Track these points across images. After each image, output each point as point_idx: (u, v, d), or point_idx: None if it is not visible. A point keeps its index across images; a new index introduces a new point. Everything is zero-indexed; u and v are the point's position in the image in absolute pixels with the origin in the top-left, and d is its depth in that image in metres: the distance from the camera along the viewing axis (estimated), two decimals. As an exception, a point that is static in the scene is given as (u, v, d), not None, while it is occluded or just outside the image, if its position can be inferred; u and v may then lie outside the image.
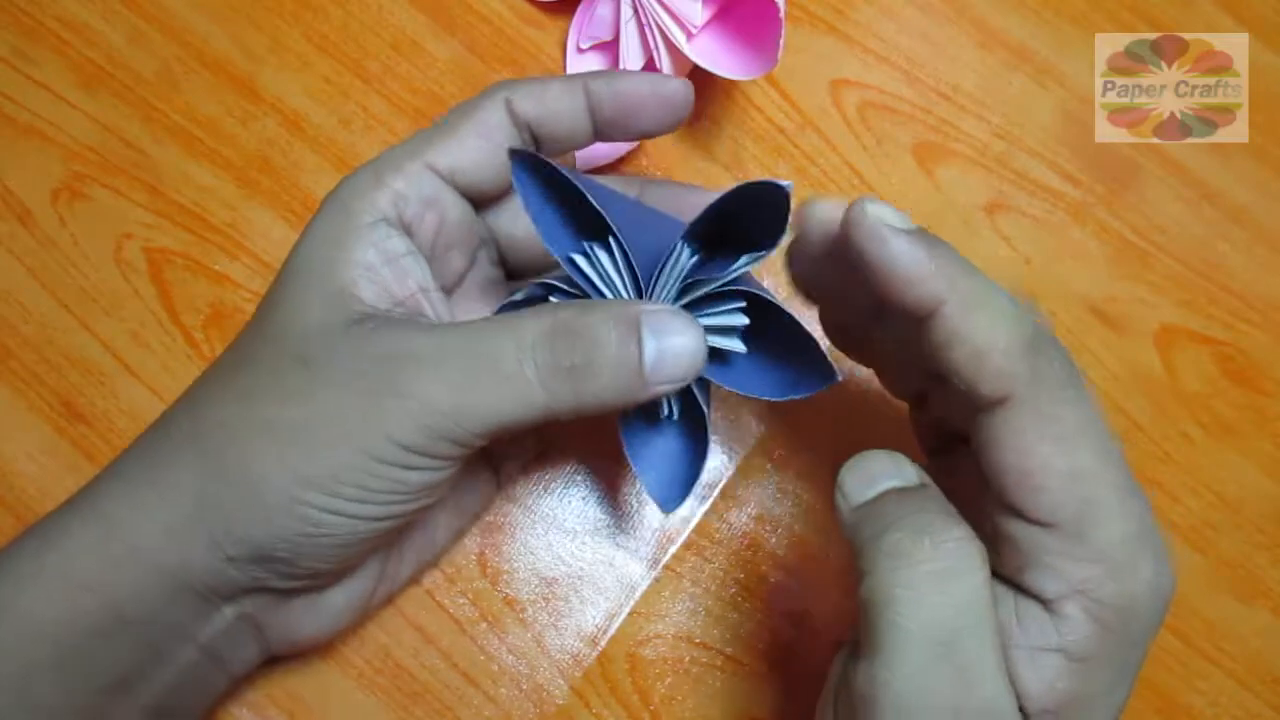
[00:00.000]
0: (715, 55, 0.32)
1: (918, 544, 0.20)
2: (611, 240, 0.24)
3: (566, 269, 0.26)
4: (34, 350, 0.34)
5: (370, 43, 0.37)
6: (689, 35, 0.32)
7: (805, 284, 0.27)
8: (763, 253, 0.24)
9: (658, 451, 0.28)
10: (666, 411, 0.27)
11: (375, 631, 0.31)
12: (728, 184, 0.35)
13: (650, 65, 0.34)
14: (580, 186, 0.24)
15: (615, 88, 0.27)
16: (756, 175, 0.36)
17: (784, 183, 0.22)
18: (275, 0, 0.37)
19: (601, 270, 0.25)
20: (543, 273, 0.30)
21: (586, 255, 0.25)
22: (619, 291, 0.25)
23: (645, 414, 0.28)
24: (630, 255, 0.24)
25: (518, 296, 0.27)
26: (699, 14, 0.32)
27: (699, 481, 0.27)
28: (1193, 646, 0.33)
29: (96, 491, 0.25)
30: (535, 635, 0.32)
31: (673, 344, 0.23)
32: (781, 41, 0.30)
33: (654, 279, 0.25)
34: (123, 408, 0.33)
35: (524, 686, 0.31)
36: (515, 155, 0.25)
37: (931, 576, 0.20)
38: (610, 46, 0.36)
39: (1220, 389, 0.35)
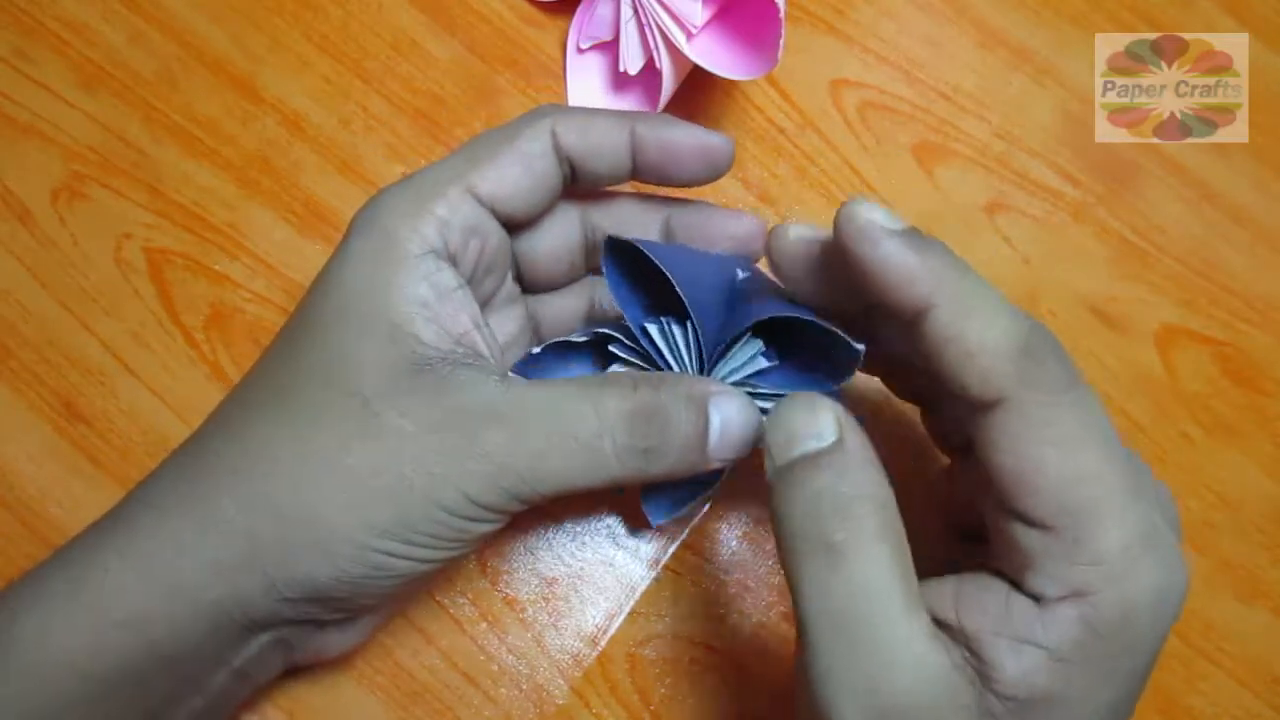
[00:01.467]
0: (715, 55, 0.32)
1: (811, 525, 0.20)
2: (689, 324, 0.25)
3: (640, 339, 0.26)
4: (34, 350, 0.34)
5: (370, 43, 0.37)
6: (689, 35, 0.32)
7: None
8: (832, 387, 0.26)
9: None
10: None
11: (375, 632, 0.31)
12: (728, 185, 0.36)
13: (650, 65, 0.34)
14: (666, 272, 0.25)
15: (661, 135, 0.26)
16: (756, 175, 0.36)
17: (859, 346, 0.24)
18: (275, 0, 0.37)
19: (673, 344, 0.26)
20: (558, 290, 0.31)
21: (660, 327, 0.26)
22: (686, 365, 0.26)
23: None
24: (701, 338, 0.25)
25: (575, 338, 0.27)
26: (699, 14, 0.32)
27: (691, 503, 0.28)
28: (1193, 646, 0.33)
29: (131, 523, 0.24)
30: (535, 635, 0.32)
31: (734, 425, 0.25)
32: (781, 41, 0.30)
33: (718, 356, 0.26)
34: (123, 408, 0.33)
35: (524, 686, 0.31)
36: (610, 243, 0.26)
37: (826, 561, 0.20)
38: (610, 46, 0.36)
39: (1220, 389, 0.35)
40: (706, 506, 0.32)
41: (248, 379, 0.26)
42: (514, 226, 0.28)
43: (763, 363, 0.26)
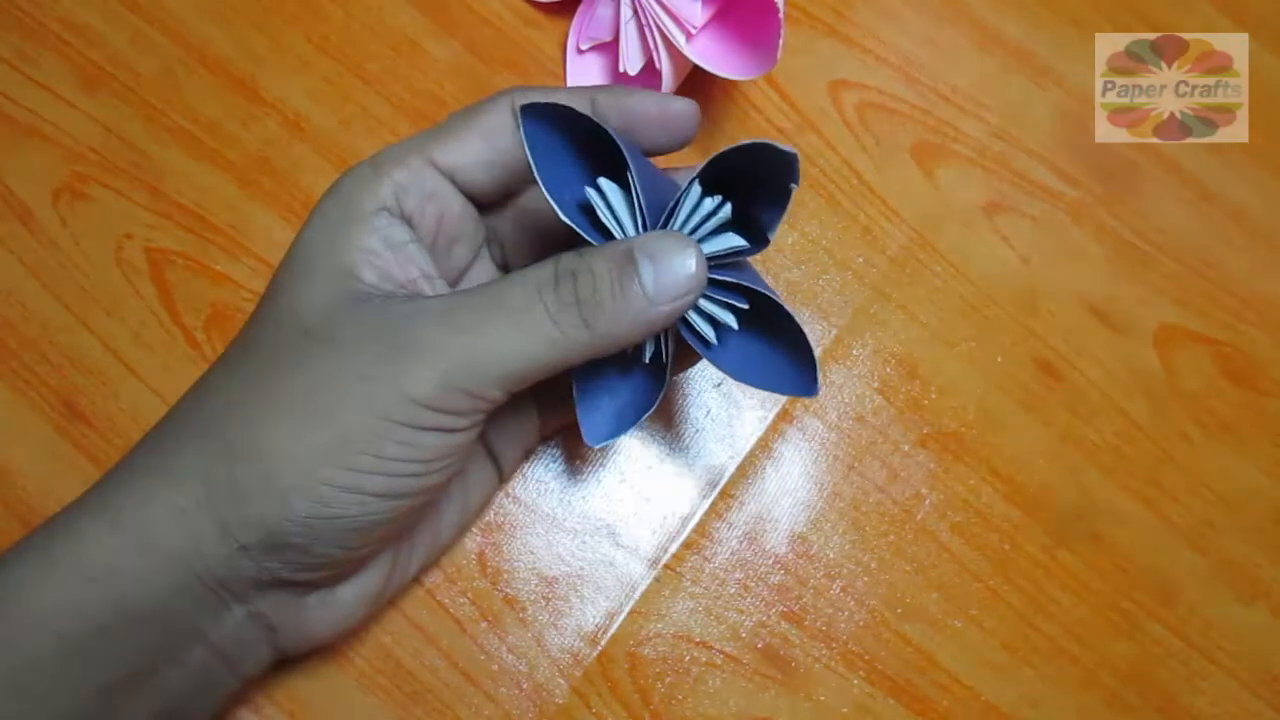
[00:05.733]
0: (715, 56, 0.33)
1: None
2: (629, 175, 0.25)
3: (571, 220, 0.25)
4: (34, 350, 0.34)
5: (370, 44, 0.37)
6: (689, 36, 0.32)
7: None
8: (778, 210, 0.25)
9: (605, 385, 0.28)
10: (648, 354, 0.27)
11: (375, 631, 0.31)
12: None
13: (650, 66, 0.34)
14: (599, 124, 0.24)
15: (622, 104, 0.26)
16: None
17: (788, 148, 0.23)
18: (276, 2, 0.37)
19: (610, 209, 0.25)
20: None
21: (598, 190, 0.25)
22: (623, 230, 0.25)
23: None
24: (641, 194, 0.25)
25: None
26: (699, 14, 0.32)
27: (633, 426, 0.27)
28: (1193, 646, 0.33)
29: (104, 484, 0.25)
30: (535, 635, 0.32)
31: (670, 264, 0.24)
32: (781, 42, 0.30)
33: (666, 219, 0.25)
34: (123, 408, 0.33)
35: (524, 686, 0.31)
36: (527, 111, 0.25)
37: None
38: (610, 47, 0.36)
39: (1220, 389, 0.35)
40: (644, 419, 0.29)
41: (222, 352, 0.27)
42: (484, 202, 0.28)
43: (709, 204, 0.25)
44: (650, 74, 0.34)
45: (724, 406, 0.34)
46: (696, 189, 0.25)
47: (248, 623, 0.25)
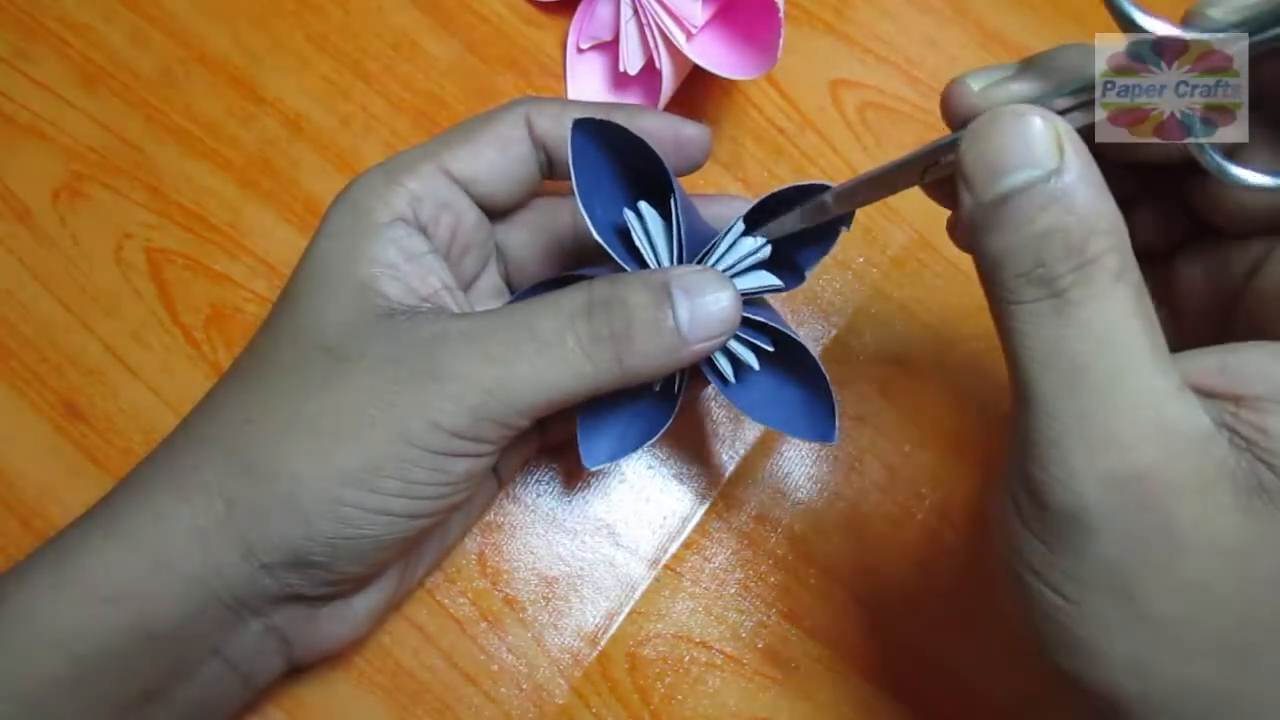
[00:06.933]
0: (715, 55, 0.33)
1: (1036, 270, 0.18)
2: (673, 203, 0.24)
3: (605, 241, 0.25)
4: (34, 350, 0.34)
5: (370, 43, 0.37)
6: (689, 35, 0.32)
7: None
8: (828, 244, 0.25)
9: (611, 410, 0.28)
10: (659, 383, 0.27)
11: (375, 631, 0.31)
12: (728, 185, 0.36)
13: (650, 65, 0.34)
14: (651, 147, 0.24)
15: (635, 124, 0.26)
16: (756, 175, 0.36)
17: (828, 185, 0.23)
18: (276, 0, 0.37)
19: (647, 234, 0.25)
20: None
21: (637, 214, 0.25)
22: (657, 258, 0.25)
23: None
24: (682, 224, 0.25)
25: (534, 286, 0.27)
26: (699, 14, 0.32)
27: (632, 453, 0.28)
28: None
29: (116, 501, 0.24)
30: (535, 635, 0.32)
31: (705, 302, 0.24)
32: (781, 41, 0.30)
33: (706, 253, 0.25)
34: (123, 408, 0.33)
35: (524, 686, 0.31)
36: (579, 125, 0.25)
37: (1055, 309, 0.18)
38: (610, 46, 0.36)
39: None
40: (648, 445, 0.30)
41: (234, 361, 0.26)
42: (494, 213, 0.28)
43: (749, 244, 0.25)
44: (650, 73, 0.34)
45: (725, 406, 0.34)
46: (740, 226, 0.25)
47: (263, 636, 0.25)
